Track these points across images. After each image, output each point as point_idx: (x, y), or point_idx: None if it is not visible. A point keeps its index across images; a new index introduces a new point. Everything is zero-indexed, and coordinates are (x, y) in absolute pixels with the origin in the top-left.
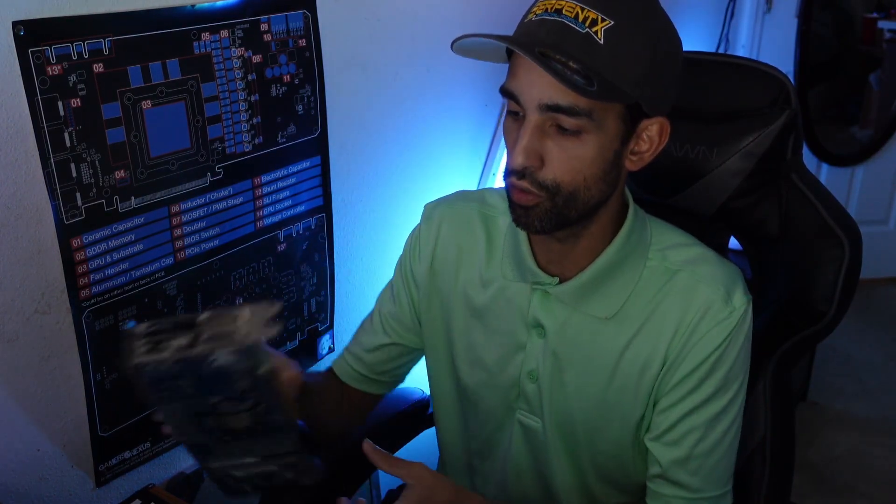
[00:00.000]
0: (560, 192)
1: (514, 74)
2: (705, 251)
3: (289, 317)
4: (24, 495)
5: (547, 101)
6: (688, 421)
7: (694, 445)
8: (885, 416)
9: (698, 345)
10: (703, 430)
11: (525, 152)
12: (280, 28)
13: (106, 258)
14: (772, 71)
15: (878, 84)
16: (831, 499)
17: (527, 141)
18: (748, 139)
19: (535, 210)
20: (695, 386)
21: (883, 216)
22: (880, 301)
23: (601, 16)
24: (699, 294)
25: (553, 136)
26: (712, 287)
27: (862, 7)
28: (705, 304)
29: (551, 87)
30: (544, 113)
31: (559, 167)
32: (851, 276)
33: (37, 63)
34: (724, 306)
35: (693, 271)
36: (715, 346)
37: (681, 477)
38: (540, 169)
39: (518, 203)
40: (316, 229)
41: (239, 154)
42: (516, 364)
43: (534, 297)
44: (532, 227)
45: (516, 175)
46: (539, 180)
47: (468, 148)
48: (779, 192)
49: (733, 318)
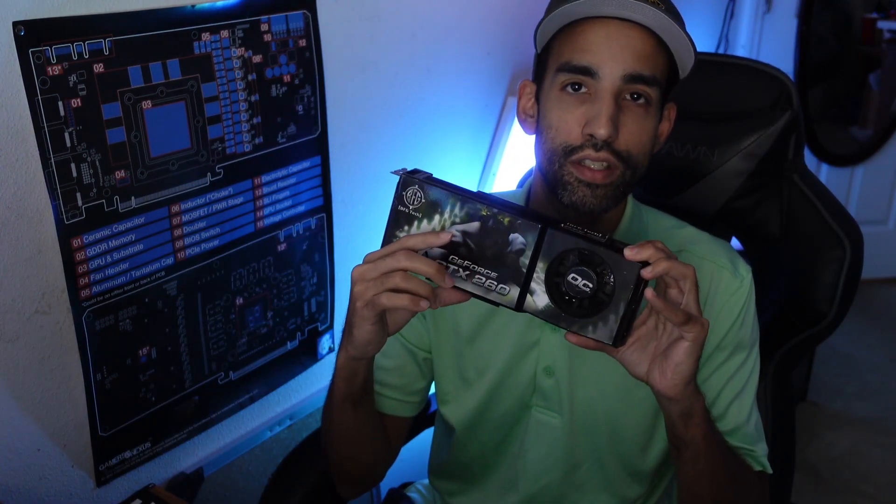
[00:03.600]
0: (631, 162)
1: (588, 50)
2: (697, 230)
3: (289, 317)
4: (24, 495)
5: (630, 72)
6: (727, 392)
7: (737, 414)
8: (885, 416)
9: (718, 318)
10: (742, 399)
11: (612, 122)
12: (280, 28)
13: (106, 258)
14: (773, 71)
15: (878, 84)
16: (831, 499)
17: (613, 111)
18: (749, 140)
19: (607, 187)
20: (725, 358)
21: (883, 216)
22: (880, 301)
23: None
24: (706, 270)
25: (625, 109)
26: (717, 261)
27: (862, 7)
28: (715, 278)
29: (635, 58)
30: (626, 84)
31: (632, 138)
32: (852, 276)
33: (37, 63)
34: (734, 277)
35: (694, 250)
36: (735, 316)
37: (734, 443)
38: (615, 140)
39: (589, 181)
40: (316, 229)
41: (239, 154)
42: (530, 362)
43: None
44: (600, 206)
45: (594, 147)
46: (616, 150)
47: (468, 148)
48: (780, 192)
49: (744, 286)
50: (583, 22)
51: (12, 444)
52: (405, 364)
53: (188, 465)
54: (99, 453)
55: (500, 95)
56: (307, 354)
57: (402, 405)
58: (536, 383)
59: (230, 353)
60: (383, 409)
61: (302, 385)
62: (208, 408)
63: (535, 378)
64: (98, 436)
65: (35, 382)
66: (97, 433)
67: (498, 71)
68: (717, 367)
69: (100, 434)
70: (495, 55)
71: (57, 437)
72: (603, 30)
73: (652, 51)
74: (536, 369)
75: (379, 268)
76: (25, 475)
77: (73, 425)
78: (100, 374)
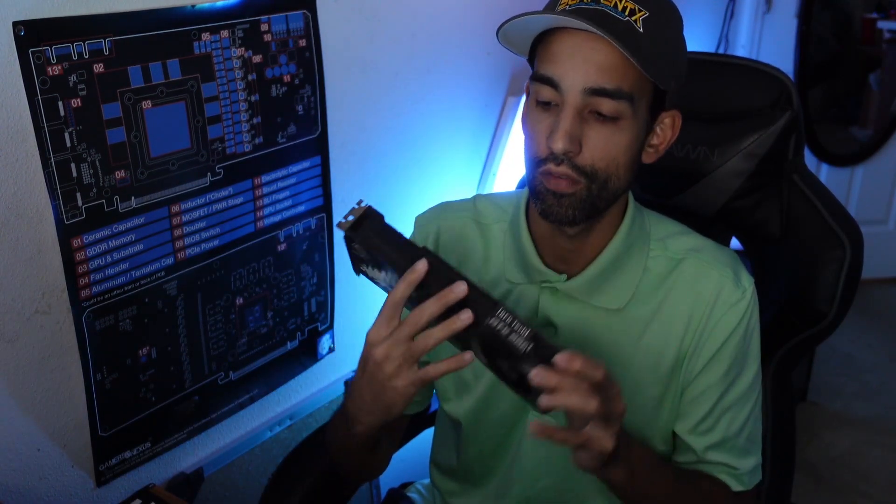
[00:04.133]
0: (597, 178)
1: (553, 60)
2: (702, 238)
3: (289, 317)
4: (23, 495)
5: (592, 85)
6: (719, 406)
7: (727, 427)
8: (884, 416)
9: (716, 329)
10: (734, 411)
11: (568, 136)
12: (280, 28)
13: (106, 258)
14: (773, 71)
15: (878, 84)
16: (831, 499)
17: (569, 125)
18: (749, 140)
19: (571, 198)
20: (722, 371)
21: (883, 216)
22: (880, 301)
23: (637, 6)
24: (709, 279)
25: (591, 122)
26: (719, 271)
27: (861, 7)
28: (716, 288)
29: (597, 71)
30: (587, 97)
31: (597, 153)
32: (852, 276)
33: (37, 63)
34: (735, 288)
35: (698, 258)
36: (733, 327)
37: (717, 457)
38: (578, 155)
39: (553, 191)
40: (316, 229)
41: (239, 154)
42: None
43: (542, 296)
44: (565, 216)
45: (554, 160)
46: (577, 165)
47: (468, 148)
48: (780, 192)
49: (745, 298)
50: (556, 31)
51: (12, 444)
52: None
53: (188, 465)
54: (99, 453)
55: (500, 95)
56: (307, 354)
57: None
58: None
59: (230, 353)
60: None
61: (302, 385)
62: (208, 408)
63: None
64: (98, 436)
65: (35, 382)
66: (97, 433)
67: (498, 71)
68: (712, 379)
69: (100, 434)
70: (495, 55)
71: (57, 437)
72: (569, 40)
73: (619, 63)
74: None
75: (413, 352)
76: (25, 475)
77: (73, 425)
78: (100, 374)
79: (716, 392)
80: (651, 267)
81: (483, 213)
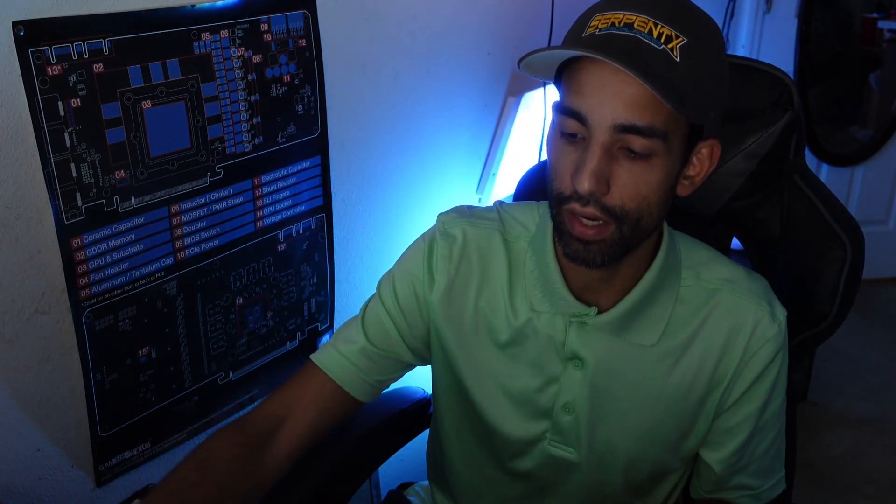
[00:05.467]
0: (627, 219)
1: (580, 93)
2: (735, 266)
3: (289, 317)
4: (23, 495)
5: (623, 122)
6: (755, 437)
7: (754, 450)
8: (885, 416)
9: (752, 362)
10: (763, 434)
11: (595, 176)
12: (280, 28)
13: (106, 258)
14: (774, 71)
15: (878, 84)
16: (831, 499)
17: (596, 164)
18: (750, 140)
19: (600, 244)
20: (758, 404)
21: (883, 216)
22: (880, 301)
23: (675, 32)
24: (745, 312)
25: (620, 160)
26: (755, 303)
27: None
28: (753, 321)
29: (627, 106)
30: (617, 134)
31: (627, 193)
32: (853, 277)
33: (37, 63)
34: (772, 322)
35: (732, 290)
36: (769, 360)
37: (741, 481)
38: (605, 195)
39: (580, 237)
40: (316, 229)
41: (239, 154)
42: (548, 396)
43: (570, 329)
44: (594, 262)
45: (580, 201)
46: (606, 206)
47: (468, 148)
48: (781, 192)
49: (781, 332)
50: (583, 59)
51: (12, 444)
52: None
53: None
54: (99, 453)
55: (500, 95)
56: (307, 354)
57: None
58: (554, 418)
59: (230, 353)
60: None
61: None
62: (208, 408)
63: (553, 412)
64: (98, 436)
65: (35, 382)
66: (97, 433)
67: (498, 71)
68: (748, 410)
69: (100, 434)
70: (495, 55)
71: (57, 437)
72: (598, 72)
73: (652, 99)
74: (555, 405)
75: None
76: (25, 475)
77: (73, 425)
78: (100, 374)
79: (751, 424)
80: (684, 297)
81: (509, 227)
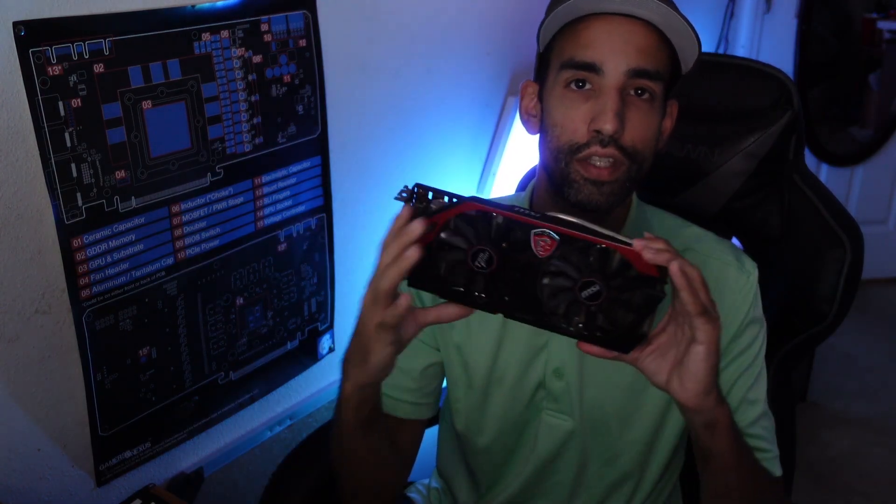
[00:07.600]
0: (636, 158)
1: (590, 46)
2: (702, 229)
3: (289, 317)
4: (23, 495)
5: (635, 67)
6: (739, 383)
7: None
8: (884, 416)
9: (728, 314)
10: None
11: (617, 117)
12: (280, 28)
13: (106, 258)
14: (773, 71)
15: (878, 84)
16: (831, 499)
17: (618, 105)
18: (750, 140)
19: (612, 185)
20: (738, 351)
21: (883, 216)
22: (880, 301)
23: None
24: (712, 268)
25: (629, 104)
26: (723, 259)
27: (861, 7)
28: (722, 276)
29: (637, 52)
30: (629, 79)
31: (637, 133)
32: (853, 276)
33: (37, 63)
34: (741, 273)
35: (699, 248)
36: (746, 310)
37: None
38: (621, 136)
39: (595, 179)
40: (316, 229)
41: (239, 154)
42: (539, 365)
43: None
44: (605, 204)
45: (600, 143)
46: (623, 146)
47: (468, 148)
48: (780, 193)
49: (752, 281)
50: (585, 19)
51: (12, 444)
52: (426, 365)
53: (188, 465)
54: (99, 453)
55: (500, 95)
56: (307, 354)
57: (418, 408)
58: (547, 386)
59: (230, 353)
60: (398, 413)
61: (302, 385)
62: (208, 408)
63: (545, 380)
64: (98, 436)
65: (35, 382)
66: (97, 433)
67: (498, 71)
68: (730, 361)
69: (100, 434)
70: (495, 55)
71: (57, 437)
72: (605, 25)
73: (655, 45)
74: (546, 372)
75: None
76: (25, 475)
77: (73, 425)
78: (100, 374)
79: (735, 370)
80: None
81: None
